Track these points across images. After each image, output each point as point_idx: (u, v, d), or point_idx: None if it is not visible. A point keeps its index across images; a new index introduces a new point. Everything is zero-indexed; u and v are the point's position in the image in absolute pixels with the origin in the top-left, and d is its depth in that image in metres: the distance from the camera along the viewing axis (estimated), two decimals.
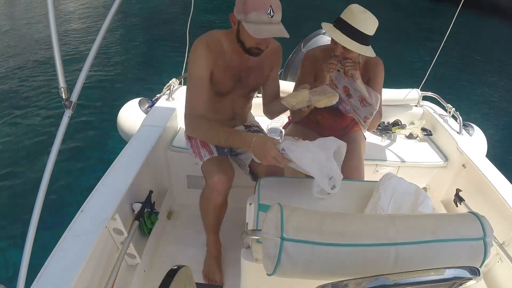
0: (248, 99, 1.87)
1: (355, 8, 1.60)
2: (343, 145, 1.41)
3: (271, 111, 1.90)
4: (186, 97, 1.59)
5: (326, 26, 1.65)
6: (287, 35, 1.43)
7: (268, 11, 1.39)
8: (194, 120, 1.55)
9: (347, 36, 1.58)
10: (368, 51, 1.60)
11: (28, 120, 4.44)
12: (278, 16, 1.43)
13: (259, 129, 1.99)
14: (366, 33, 1.58)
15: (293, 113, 1.89)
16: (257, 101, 1.92)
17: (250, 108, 1.97)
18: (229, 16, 1.52)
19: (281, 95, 1.91)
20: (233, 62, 1.63)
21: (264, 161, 1.37)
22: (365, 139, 2.10)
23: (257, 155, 1.38)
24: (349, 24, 1.57)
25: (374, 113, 1.64)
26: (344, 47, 1.63)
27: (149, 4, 10.33)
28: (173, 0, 9.67)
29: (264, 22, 1.40)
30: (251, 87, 1.76)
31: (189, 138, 1.89)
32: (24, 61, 6.08)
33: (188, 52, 1.65)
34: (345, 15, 1.60)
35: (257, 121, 2.07)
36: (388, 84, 1.91)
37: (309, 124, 2.04)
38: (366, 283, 0.83)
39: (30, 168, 3.55)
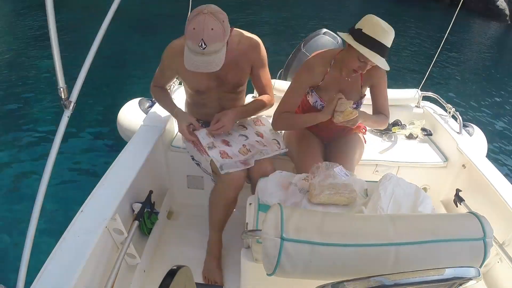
0: (236, 94, 1.89)
1: (376, 20, 1.57)
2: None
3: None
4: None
5: (348, 38, 1.60)
6: (213, 69, 1.51)
7: (200, 44, 1.44)
8: (153, 88, 1.94)
9: (371, 50, 1.54)
10: (385, 64, 1.59)
11: (27, 120, 4.43)
12: (213, 46, 1.46)
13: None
14: (387, 45, 1.56)
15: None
16: None
17: (243, 103, 1.98)
18: None
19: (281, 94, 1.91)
20: None
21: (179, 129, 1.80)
22: (365, 142, 2.08)
23: (177, 121, 1.83)
24: (371, 37, 1.53)
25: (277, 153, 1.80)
26: (363, 61, 1.60)
27: (149, 4, 10.33)
28: (172, 1, 9.68)
29: (196, 52, 1.48)
30: (232, 83, 1.81)
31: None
32: (23, 61, 6.07)
33: None
34: (366, 28, 1.55)
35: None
36: (388, 84, 1.91)
37: None
38: (366, 283, 0.84)
39: (29, 168, 3.55)
